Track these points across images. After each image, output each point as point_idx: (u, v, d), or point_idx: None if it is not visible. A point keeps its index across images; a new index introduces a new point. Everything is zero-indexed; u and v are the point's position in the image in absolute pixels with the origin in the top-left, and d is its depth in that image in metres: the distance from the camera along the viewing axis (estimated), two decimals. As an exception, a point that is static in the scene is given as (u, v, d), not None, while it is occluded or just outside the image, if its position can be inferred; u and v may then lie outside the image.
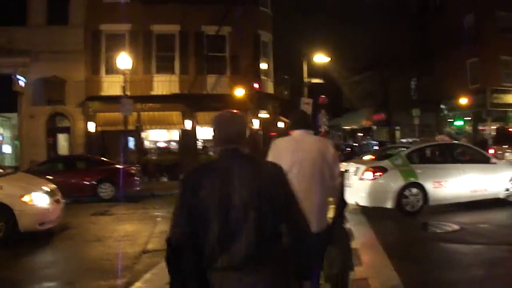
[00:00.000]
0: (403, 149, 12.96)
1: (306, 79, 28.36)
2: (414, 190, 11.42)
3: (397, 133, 41.79)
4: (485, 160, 12.89)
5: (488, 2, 31.86)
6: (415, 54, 35.26)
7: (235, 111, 2.87)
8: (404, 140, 28.98)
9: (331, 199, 4.23)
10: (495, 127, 32.27)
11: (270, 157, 4.00)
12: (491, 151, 17.18)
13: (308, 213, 2.80)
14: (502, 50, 31.88)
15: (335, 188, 4.16)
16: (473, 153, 13.44)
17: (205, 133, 25.07)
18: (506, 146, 17.20)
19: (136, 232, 10.61)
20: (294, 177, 3.44)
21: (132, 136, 24.06)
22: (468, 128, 34.17)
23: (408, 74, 38.81)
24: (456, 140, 19.14)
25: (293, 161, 3.95)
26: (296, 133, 4.25)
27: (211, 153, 24.24)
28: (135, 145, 24.86)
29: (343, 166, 12.25)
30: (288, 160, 3.87)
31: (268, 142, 5.01)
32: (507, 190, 12.61)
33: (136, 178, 17.95)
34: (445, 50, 32.51)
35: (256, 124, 26.16)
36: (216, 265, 2.51)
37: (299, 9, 56.12)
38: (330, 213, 4.19)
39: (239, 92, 24.65)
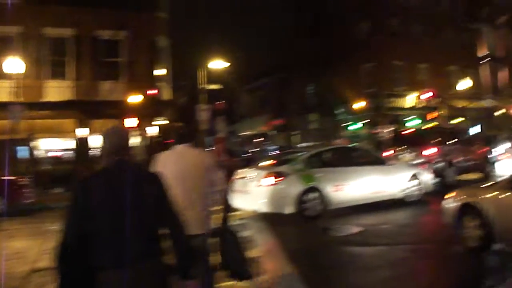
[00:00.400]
0: (302, 153, 13.02)
1: (203, 85, 28.08)
2: (314, 194, 11.33)
3: (296, 138, 42.52)
4: (382, 162, 13.28)
5: (381, 9, 33.38)
6: (311, 59, 35.98)
7: (121, 125, 2.82)
8: (304, 145, 29.47)
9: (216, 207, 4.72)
10: (388, 130, 33.83)
11: (155, 169, 4.24)
12: (389, 152, 17.79)
13: (192, 221, 3.33)
14: (394, 55, 33.51)
15: (217, 196, 4.65)
16: (371, 155, 13.79)
17: (100, 141, 23.90)
18: (402, 148, 17.83)
19: (27, 249, 9.69)
20: (177, 188, 3.82)
21: (24, 145, 22.60)
22: (364, 131, 35.39)
23: (306, 79, 39.58)
24: (355, 143, 19.67)
25: (176, 172, 4.33)
26: (179, 147, 4.67)
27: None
28: (27, 155, 23.38)
29: (243, 172, 12.14)
30: (171, 172, 4.13)
31: (165, 149, 5.09)
32: (404, 190, 13.06)
33: (27, 189, 16.69)
34: (341, 55, 33.45)
35: (153, 131, 25.45)
36: (103, 264, 2.79)
37: (199, 14, 55.90)
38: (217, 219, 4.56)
39: (136, 98, 23.79)
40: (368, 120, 34.61)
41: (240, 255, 4.66)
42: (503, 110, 41.42)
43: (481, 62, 41.23)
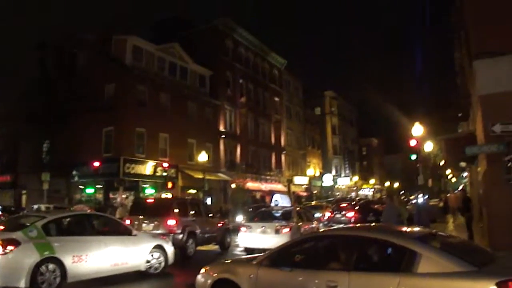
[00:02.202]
0: (39, 218, 11.43)
1: None
2: (51, 266, 9.87)
3: (24, 198, 38.86)
4: (127, 232, 12.44)
5: (128, 75, 33.26)
6: (49, 115, 33.59)
7: None
8: (35, 206, 26.88)
9: None
10: (125, 196, 33.08)
11: None
12: (128, 221, 16.93)
13: None
14: (137, 122, 33.39)
15: None
16: (114, 224, 12.83)
17: None
18: (142, 217, 17.18)
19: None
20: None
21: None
22: (99, 195, 34.00)
23: (42, 135, 36.73)
24: (96, 210, 18.38)
25: None
26: None
27: None
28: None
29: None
30: None
31: None
32: (148, 262, 12.42)
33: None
34: (82, 115, 32.14)
35: None
36: None
37: None
38: None
39: None
40: (104, 185, 33.39)
41: None
42: (238, 184, 44.40)
43: (220, 137, 43.85)
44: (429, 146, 26.31)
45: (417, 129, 23.17)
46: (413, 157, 23.13)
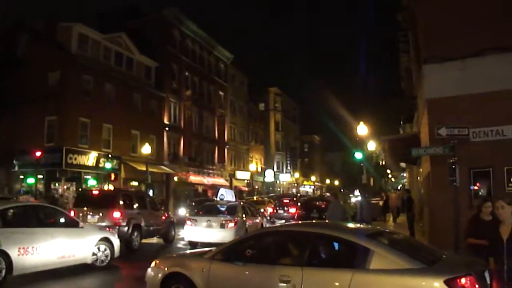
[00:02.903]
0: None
1: None
2: (-3, 259, 9.65)
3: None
4: (74, 224, 12.32)
5: (73, 64, 32.53)
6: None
7: None
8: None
9: None
10: (67, 187, 32.44)
11: None
12: (72, 213, 16.70)
13: None
14: (81, 111, 32.74)
15: None
16: (61, 216, 12.63)
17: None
18: (86, 209, 16.98)
19: None
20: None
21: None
22: (40, 186, 33.15)
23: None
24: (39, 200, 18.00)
25: None
26: None
27: None
28: None
29: None
30: None
31: None
32: (94, 255, 12.37)
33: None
34: (25, 103, 31.16)
35: None
36: None
37: None
38: None
39: None
40: (45, 175, 32.59)
41: None
42: (180, 177, 44.35)
43: (164, 130, 43.61)
44: (372, 146, 27.10)
45: (362, 129, 23.86)
46: (359, 155, 23.73)
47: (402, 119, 32.67)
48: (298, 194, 56.54)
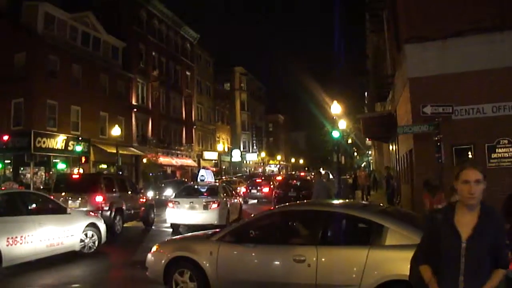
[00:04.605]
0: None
1: None
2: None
3: None
4: (61, 210, 12.00)
5: (40, 44, 31.60)
6: None
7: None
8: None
9: None
10: (36, 171, 31.74)
11: None
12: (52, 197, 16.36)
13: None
14: (48, 93, 31.95)
15: None
16: (48, 202, 12.29)
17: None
18: (65, 194, 16.65)
19: None
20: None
21: None
22: (8, 171, 32.34)
23: None
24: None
25: None
26: None
27: None
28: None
29: None
30: None
31: None
32: (82, 241, 12.16)
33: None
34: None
35: None
36: None
37: None
38: None
39: None
40: (13, 160, 31.78)
41: None
42: (149, 159, 43.97)
43: (132, 111, 43.05)
44: (343, 125, 27.36)
45: (336, 108, 24.02)
46: (336, 134, 23.90)
47: (374, 98, 33.04)
48: (265, 174, 56.68)
